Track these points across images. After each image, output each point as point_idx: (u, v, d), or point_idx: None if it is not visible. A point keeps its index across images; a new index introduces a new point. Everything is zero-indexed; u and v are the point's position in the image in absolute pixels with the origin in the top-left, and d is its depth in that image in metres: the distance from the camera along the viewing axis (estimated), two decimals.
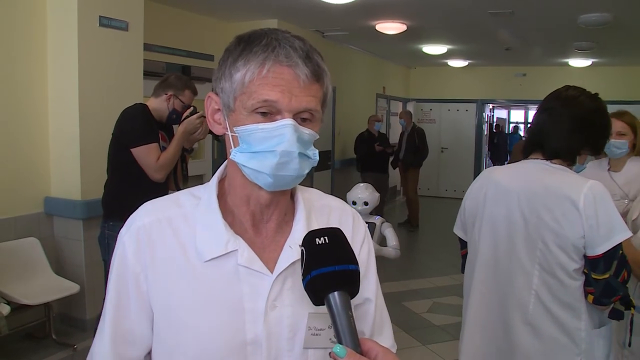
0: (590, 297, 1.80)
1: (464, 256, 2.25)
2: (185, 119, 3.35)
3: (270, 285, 0.99)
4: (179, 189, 3.31)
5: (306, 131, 0.97)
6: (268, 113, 0.95)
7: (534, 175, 1.93)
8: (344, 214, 1.16)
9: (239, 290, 0.99)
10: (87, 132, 4.28)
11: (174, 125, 3.55)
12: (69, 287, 4.11)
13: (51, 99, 4.40)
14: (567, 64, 10.66)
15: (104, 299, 1.08)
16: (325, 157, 8.85)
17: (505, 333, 1.96)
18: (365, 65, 10.53)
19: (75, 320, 4.40)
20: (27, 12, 4.24)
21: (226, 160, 1.09)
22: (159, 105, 3.42)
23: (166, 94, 3.40)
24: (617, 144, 3.01)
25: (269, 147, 0.95)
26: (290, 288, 1.01)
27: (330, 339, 1.01)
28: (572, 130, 1.91)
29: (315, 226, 1.05)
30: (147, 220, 1.03)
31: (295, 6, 6.28)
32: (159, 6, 5.89)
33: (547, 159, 1.95)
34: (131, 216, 1.07)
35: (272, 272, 1.00)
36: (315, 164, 1.01)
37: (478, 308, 2.06)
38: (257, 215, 1.05)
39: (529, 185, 1.92)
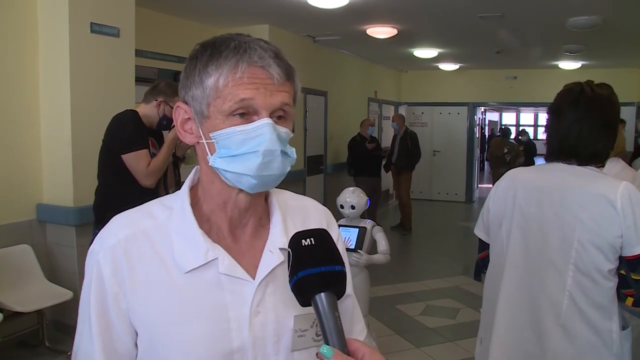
0: (630, 300, 1.77)
1: (483, 259, 2.21)
2: (175, 125, 3.36)
3: (254, 292, 0.99)
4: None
5: (283, 129, 0.97)
6: (245, 114, 0.95)
7: (565, 176, 1.90)
8: (318, 213, 1.17)
9: (222, 299, 0.98)
10: (79, 139, 4.27)
11: (164, 132, 3.56)
12: (62, 294, 4.10)
13: (43, 105, 4.40)
14: (557, 67, 10.74)
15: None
16: (318, 162, 8.86)
17: (535, 336, 1.91)
18: (356, 70, 10.56)
19: (68, 327, 4.38)
20: (18, 18, 4.24)
21: (195, 167, 1.08)
22: (149, 111, 3.43)
23: (156, 101, 3.41)
24: None
25: (250, 148, 0.94)
26: (272, 292, 1.01)
27: (313, 338, 1.02)
28: (607, 133, 1.89)
29: (292, 227, 1.06)
30: (122, 235, 1.00)
31: (286, 11, 6.31)
32: (150, 12, 5.89)
33: (580, 165, 1.91)
34: (102, 231, 1.04)
35: (253, 278, 1.00)
36: (293, 162, 1.01)
37: (508, 311, 2.00)
38: (235, 221, 1.04)
39: (561, 184, 1.89)
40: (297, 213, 1.12)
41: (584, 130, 1.89)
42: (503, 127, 14.62)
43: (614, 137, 1.93)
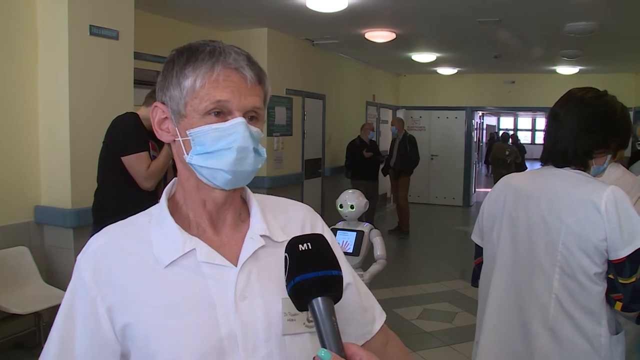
0: (619, 305, 1.76)
1: (478, 266, 2.22)
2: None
3: (236, 276, 1.01)
4: None
5: (254, 129, 1.02)
6: (220, 113, 1.00)
7: (553, 180, 1.92)
8: (301, 208, 1.21)
9: (205, 287, 1.00)
10: (78, 141, 4.27)
11: None
12: (59, 296, 4.04)
13: (41, 107, 4.40)
14: (554, 72, 10.77)
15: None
16: (316, 165, 8.87)
17: (524, 338, 1.93)
18: (355, 73, 10.58)
19: None
20: (17, 20, 4.24)
21: (174, 179, 1.12)
22: (149, 114, 3.43)
23: None
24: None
25: (224, 145, 0.99)
26: (257, 277, 1.03)
27: (304, 323, 1.02)
28: (584, 139, 1.89)
29: (271, 219, 1.11)
30: (102, 241, 1.05)
31: (286, 15, 6.32)
32: (150, 15, 5.90)
33: (557, 167, 1.94)
34: (87, 242, 1.07)
35: (235, 266, 1.02)
36: (264, 160, 1.06)
37: (496, 312, 2.03)
38: (214, 216, 1.08)
39: (549, 189, 1.91)
40: (277, 208, 1.16)
41: (559, 131, 1.92)
42: (502, 132, 15.14)
43: (600, 145, 1.91)
